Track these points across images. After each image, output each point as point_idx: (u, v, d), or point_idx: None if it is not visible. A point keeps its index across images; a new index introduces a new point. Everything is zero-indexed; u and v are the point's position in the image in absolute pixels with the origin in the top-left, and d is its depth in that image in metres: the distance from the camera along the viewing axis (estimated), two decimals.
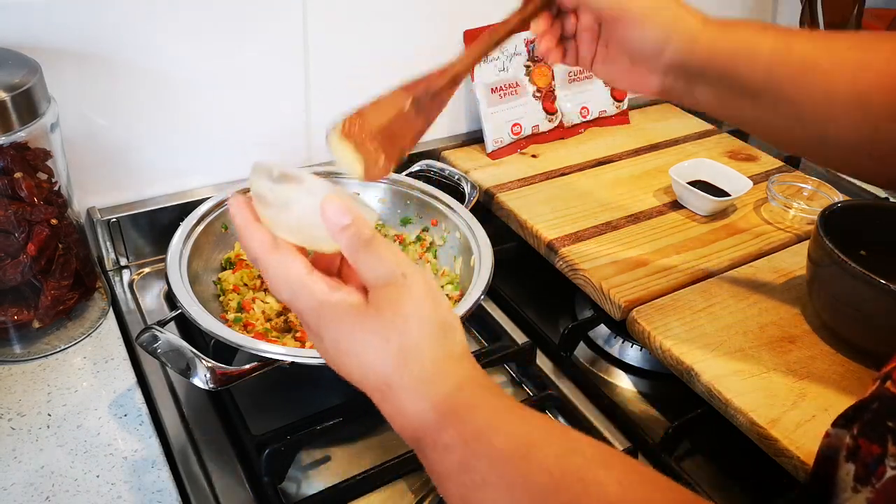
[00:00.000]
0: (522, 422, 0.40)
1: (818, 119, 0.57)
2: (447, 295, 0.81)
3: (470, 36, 1.01)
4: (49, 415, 0.67)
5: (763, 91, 0.58)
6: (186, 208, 0.83)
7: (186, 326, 0.78)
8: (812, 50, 0.56)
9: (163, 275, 0.86)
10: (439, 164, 0.98)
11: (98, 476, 0.62)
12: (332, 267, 0.47)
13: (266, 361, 0.64)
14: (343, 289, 0.43)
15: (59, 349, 0.74)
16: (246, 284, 0.79)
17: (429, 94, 0.55)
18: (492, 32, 0.60)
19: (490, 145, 1.06)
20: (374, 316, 0.42)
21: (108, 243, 0.86)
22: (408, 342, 0.41)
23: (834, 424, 0.44)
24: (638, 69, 0.62)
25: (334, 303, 0.42)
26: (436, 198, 0.89)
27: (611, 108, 1.17)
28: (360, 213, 0.42)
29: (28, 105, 0.64)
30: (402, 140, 0.54)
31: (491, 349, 0.83)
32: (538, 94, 1.09)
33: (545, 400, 0.77)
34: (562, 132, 1.13)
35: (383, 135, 0.54)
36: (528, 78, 1.08)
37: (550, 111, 1.10)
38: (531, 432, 0.39)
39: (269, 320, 0.76)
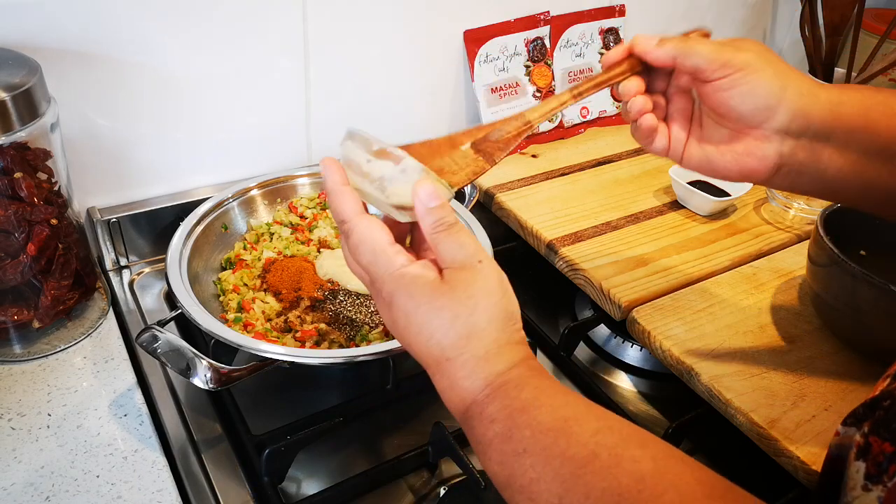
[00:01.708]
0: (565, 400, 0.43)
1: None
2: None
3: (470, 36, 1.01)
4: (49, 415, 0.67)
5: (884, 152, 0.51)
6: (186, 208, 0.83)
7: (186, 326, 0.78)
8: None
9: (163, 275, 0.86)
10: None
11: (98, 476, 0.62)
12: (401, 237, 0.51)
13: (266, 361, 0.64)
14: (420, 263, 0.46)
15: (59, 349, 0.74)
16: (246, 284, 0.79)
17: (491, 139, 0.53)
18: (577, 87, 0.55)
19: None
20: (447, 293, 0.45)
21: (108, 243, 0.86)
22: (475, 322, 0.44)
23: (844, 423, 0.44)
24: (744, 140, 0.53)
25: (413, 275, 0.45)
26: None
27: (611, 108, 1.17)
28: (446, 199, 0.46)
29: (28, 105, 0.64)
30: (455, 175, 0.51)
31: None
32: (538, 94, 1.09)
33: None
34: (562, 132, 1.13)
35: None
36: (528, 78, 1.08)
37: None
38: (572, 409, 0.42)
39: (269, 320, 0.76)
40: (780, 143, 0.52)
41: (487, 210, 0.98)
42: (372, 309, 0.77)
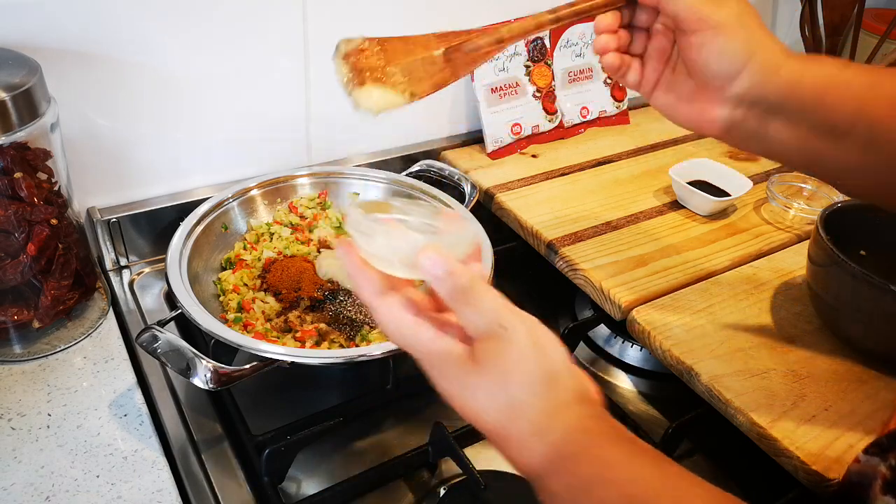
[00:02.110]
0: (630, 471, 0.39)
1: None
2: None
3: None
4: (49, 415, 0.67)
5: (851, 129, 0.53)
6: (186, 208, 0.83)
7: (186, 326, 0.78)
8: None
9: (163, 275, 0.86)
10: (439, 164, 0.98)
11: (98, 476, 0.62)
12: None
13: (266, 361, 0.64)
14: (447, 337, 0.43)
15: (59, 349, 0.74)
16: (246, 284, 0.79)
17: (464, 49, 0.52)
18: (554, 10, 0.54)
19: (490, 145, 1.06)
20: (477, 372, 0.42)
21: (108, 243, 0.86)
22: (513, 398, 0.41)
23: (866, 451, 0.43)
24: (703, 97, 0.55)
25: (438, 353, 0.43)
26: (436, 198, 0.89)
27: (611, 108, 1.17)
28: (455, 264, 0.42)
29: (28, 105, 0.64)
30: (420, 84, 0.51)
31: None
32: (538, 94, 1.09)
33: None
34: (562, 132, 1.13)
35: (400, 70, 0.51)
36: (528, 78, 1.08)
37: (550, 111, 1.10)
38: (641, 486, 0.39)
39: (269, 320, 0.76)
40: (732, 109, 0.55)
41: (487, 210, 0.98)
42: None
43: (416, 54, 0.51)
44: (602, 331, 0.89)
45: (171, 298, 0.84)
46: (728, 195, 0.95)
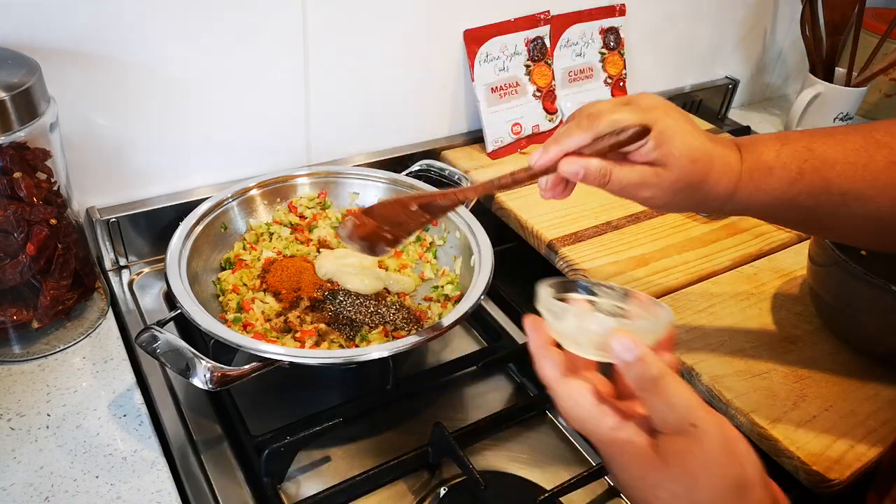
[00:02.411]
0: None
1: (865, 235, 0.58)
2: (447, 295, 0.81)
3: (470, 36, 1.01)
4: (49, 415, 0.67)
5: (804, 224, 0.60)
6: (186, 208, 0.83)
7: (186, 326, 0.78)
8: (851, 178, 0.54)
9: (162, 275, 0.86)
10: (439, 164, 0.98)
11: (97, 476, 0.62)
12: None
13: (266, 361, 0.64)
14: (630, 426, 0.42)
15: (58, 349, 0.74)
16: (245, 284, 0.79)
17: (434, 206, 0.62)
18: (500, 179, 0.59)
19: (490, 145, 1.06)
20: (661, 468, 0.40)
21: (107, 243, 0.86)
22: (698, 502, 0.39)
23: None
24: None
25: (622, 442, 0.42)
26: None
27: None
28: (647, 350, 0.41)
29: (27, 105, 0.64)
30: (408, 226, 0.64)
31: (491, 349, 0.83)
32: (538, 94, 1.09)
33: (545, 401, 0.77)
34: None
35: (388, 222, 0.64)
36: (528, 77, 1.08)
37: (551, 111, 1.10)
38: None
39: (268, 320, 0.75)
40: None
41: (487, 210, 0.98)
42: (371, 309, 0.77)
43: (399, 213, 0.63)
44: None
45: (170, 298, 0.84)
46: None
